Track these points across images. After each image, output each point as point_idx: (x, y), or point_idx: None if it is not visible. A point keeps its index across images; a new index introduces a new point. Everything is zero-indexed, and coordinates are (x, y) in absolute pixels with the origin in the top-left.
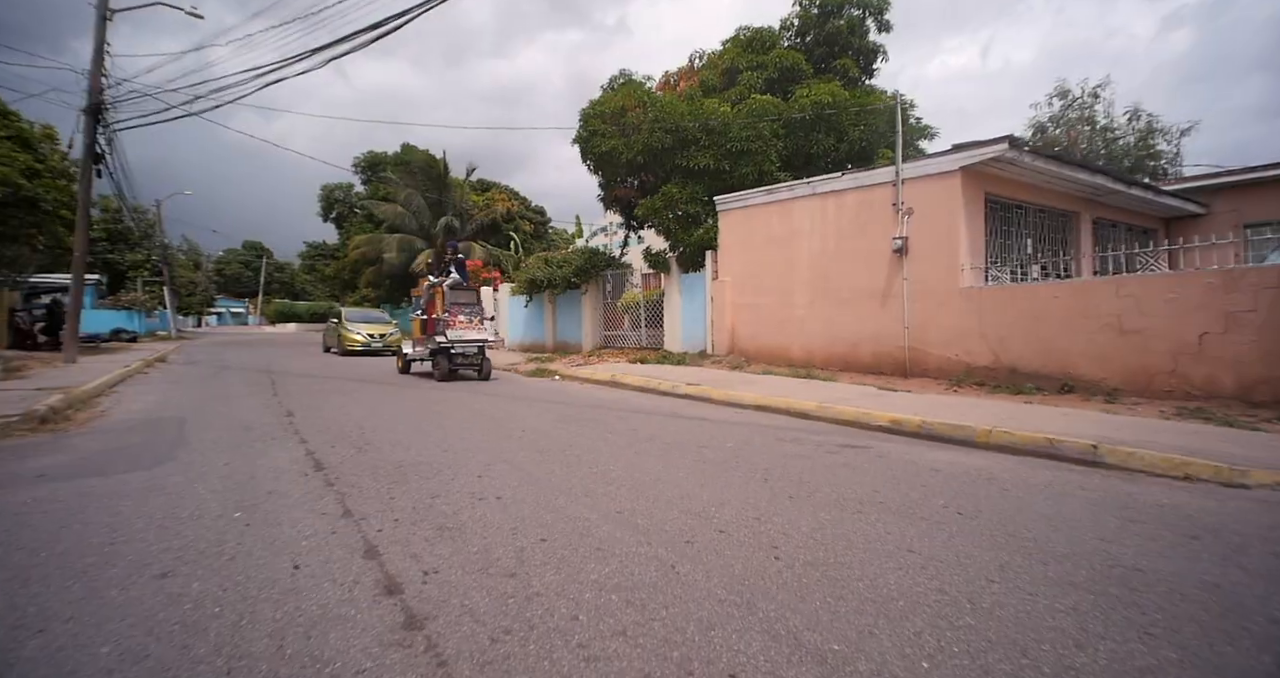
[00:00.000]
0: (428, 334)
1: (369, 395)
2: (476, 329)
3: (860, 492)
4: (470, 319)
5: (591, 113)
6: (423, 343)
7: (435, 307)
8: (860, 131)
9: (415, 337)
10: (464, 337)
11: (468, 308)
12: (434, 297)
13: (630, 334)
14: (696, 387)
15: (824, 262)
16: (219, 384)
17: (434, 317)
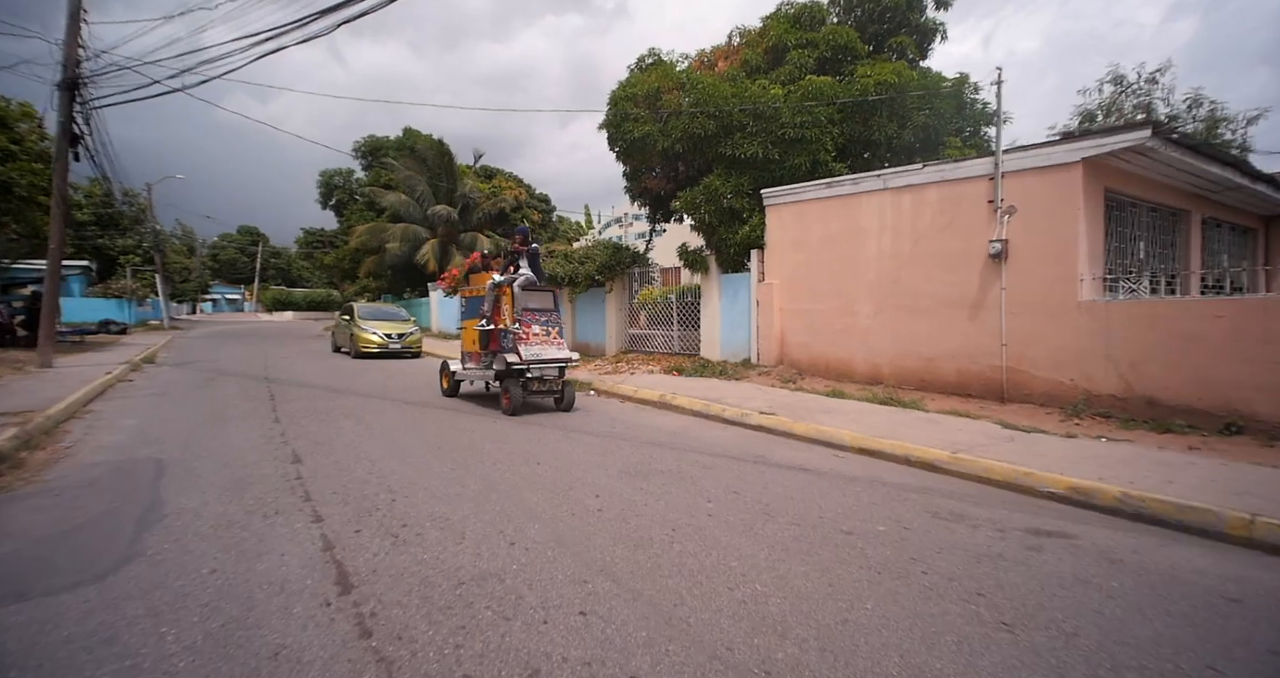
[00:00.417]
0: (488, 349)
1: (394, 425)
2: (555, 344)
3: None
4: (547, 330)
5: (622, 95)
6: (478, 359)
7: (501, 314)
8: (924, 117)
9: (467, 349)
10: (542, 355)
11: (543, 316)
12: (499, 300)
13: (657, 335)
14: (771, 416)
15: (895, 265)
16: (211, 399)
17: (499, 327)
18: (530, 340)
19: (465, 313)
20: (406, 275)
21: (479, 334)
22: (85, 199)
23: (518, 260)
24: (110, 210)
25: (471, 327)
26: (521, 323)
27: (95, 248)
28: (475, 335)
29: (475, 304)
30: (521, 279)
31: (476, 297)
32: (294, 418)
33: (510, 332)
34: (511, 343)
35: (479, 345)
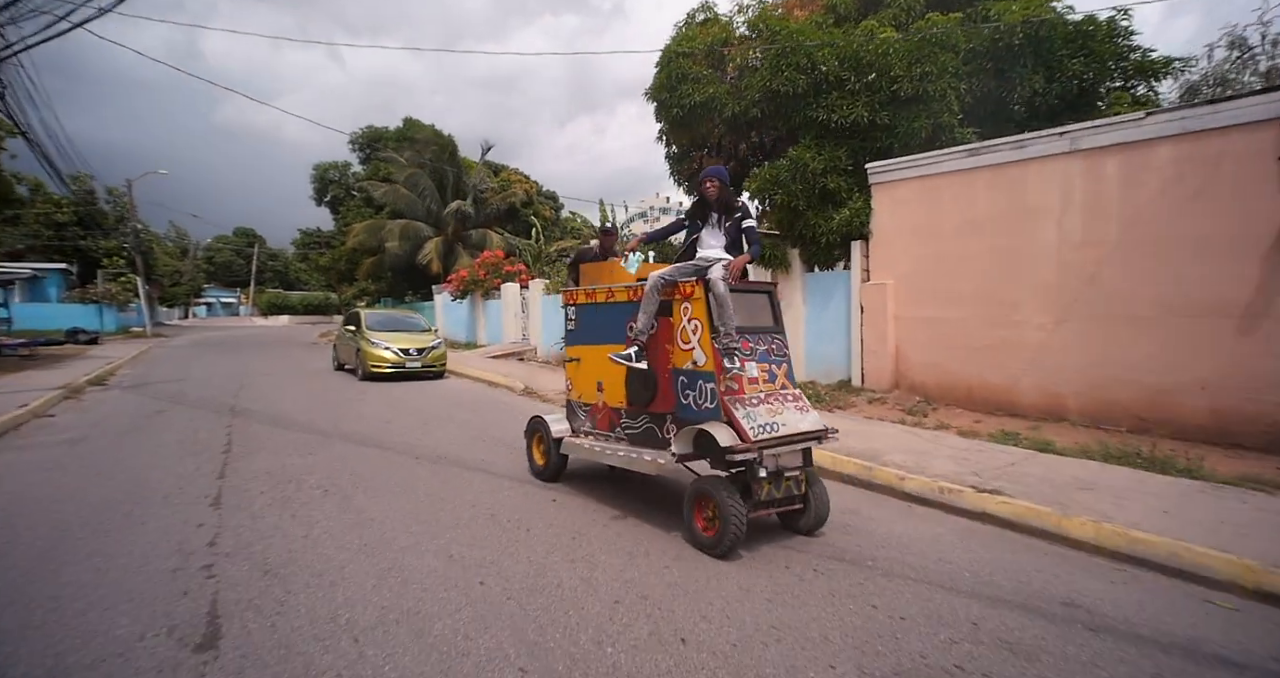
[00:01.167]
0: (642, 407)
1: (439, 539)
2: (791, 399)
3: None
4: (771, 370)
5: (677, 51)
6: (609, 420)
7: (674, 340)
8: (1079, 65)
9: (583, 399)
10: (778, 425)
11: (761, 342)
12: (667, 311)
13: None
14: (1003, 500)
15: (1089, 257)
16: (139, 452)
17: (677, 367)
18: (747, 394)
19: (576, 332)
20: (408, 277)
21: (627, 377)
22: (62, 197)
23: (692, 230)
24: (93, 207)
25: (598, 357)
26: (734, 359)
27: (76, 249)
28: (605, 377)
29: (603, 318)
30: (719, 269)
31: (609, 304)
32: (246, 499)
33: (708, 378)
34: (713, 401)
35: (622, 397)
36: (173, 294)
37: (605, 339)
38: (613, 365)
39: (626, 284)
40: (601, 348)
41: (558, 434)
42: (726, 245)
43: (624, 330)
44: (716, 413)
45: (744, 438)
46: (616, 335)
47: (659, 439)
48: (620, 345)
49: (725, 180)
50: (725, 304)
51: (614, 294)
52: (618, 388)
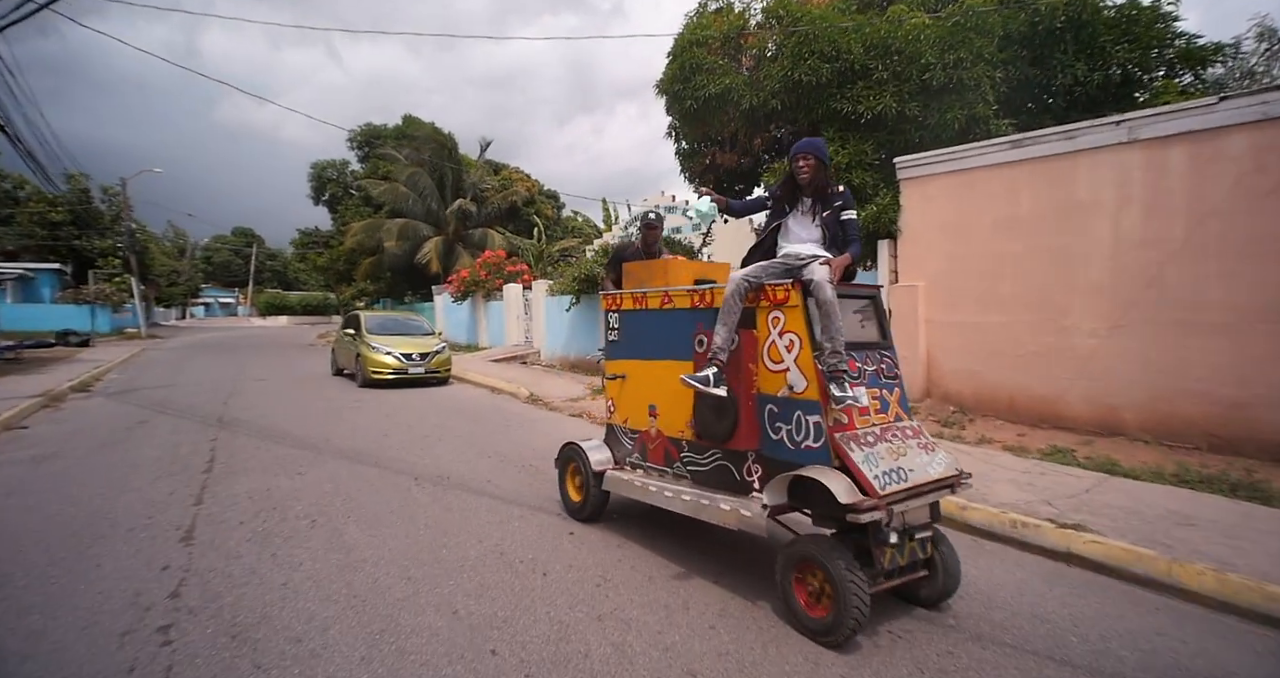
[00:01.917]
0: (715, 440)
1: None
2: (910, 434)
3: None
4: (882, 396)
5: (691, 40)
6: (665, 452)
7: (760, 356)
8: (1124, 52)
9: (629, 424)
10: (907, 472)
11: (870, 360)
12: (754, 315)
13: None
14: (1135, 551)
15: (1151, 257)
16: (112, 471)
17: (758, 392)
18: (859, 428)
19: (620, 344)
20: (407, 277)
21: (696, 403)
22: (56, 195)
23: (776, 215)
24: (88, 206)
25: (650, 375)
26: (841, 381)
27: (71, 249)
28: (660, 398)
29: (658, 328)
30: (821, 268)
31: (666, 311)
32: (222, 532)
33: (810, 409)
34: (817, 438)
35: (683, 426)
36: (170, 294)
37: (660, 353)
38: (668, 385)
39: (690, 287)
40: (654, 364)
41: (599, 466)
42: (820, 241)
43: (686, 343)
44: (823, 454)
45: (868, 490)
46: (675, 349)
47: (736, 482)
48: (681, 363)
49: (824, 156)
50: (833, 314)
51: (671, 299)
52: (678, 414)
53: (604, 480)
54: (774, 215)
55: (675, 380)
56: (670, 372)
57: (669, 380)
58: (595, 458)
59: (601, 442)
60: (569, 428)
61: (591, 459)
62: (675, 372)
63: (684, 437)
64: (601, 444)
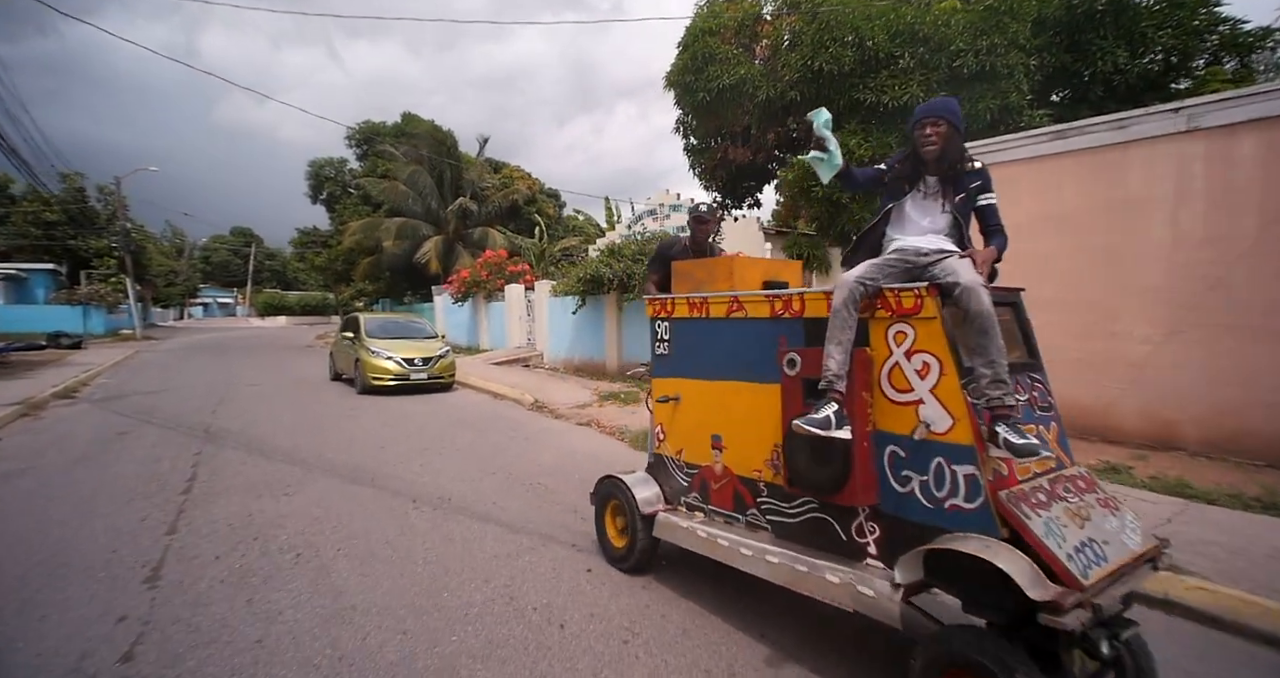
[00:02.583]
0: (829, 479)
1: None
2: (1090, 491)
3: None
4: (1041, 429)
5: (703, 28)
6: (733, 494)
7: (875, 383)
8: (1168, 37)
9: (683, 456)
10: (1103, 546)
11: (1020, 387)
12: (866, 328)
13: None
14: (1262, 604)
15: (1212, 257)
16: (81, 490)
17: (874, 430)
18: (1022, 483)
19: (672, 358)
20: (406, 277)
21: (788, 441)
22: (50, 194)
23: (891, 195)
24: (83, 205)
25: (711, 398)
26: (1010, 422)
27: (66, 249)
28: (727, 427)
29: (724, 341)
30: (966, 267)
31: (735, 321)
32: (194, 570)
33: (959, 457)
34: (973, 498)
35: (760, 464)
36: (167, 295)
37: (726, 372)
38: (738, 412)
39: (769, 292)
40: (718, 385)
41: (648, 507)
42: (945, 232)
43: (763, 361)
44: (983, 520)
45: (1061, 578)
46: (748, 367)
47: (840, 542)
48: (756, 385)
49: (957, 122)
50: (991, 329)
51: (742, 306)
52: (754, 448)
53: (656, 526)
54: (889, 196)
55: (747, 406)
56: (740, 395)
57: (738, 405)
58: (642, 496)
59: (646, 474)
60: (576, 439)
61: (638, 498)
62: (747, 396)
63: (761, 478)
64: (648, 478)
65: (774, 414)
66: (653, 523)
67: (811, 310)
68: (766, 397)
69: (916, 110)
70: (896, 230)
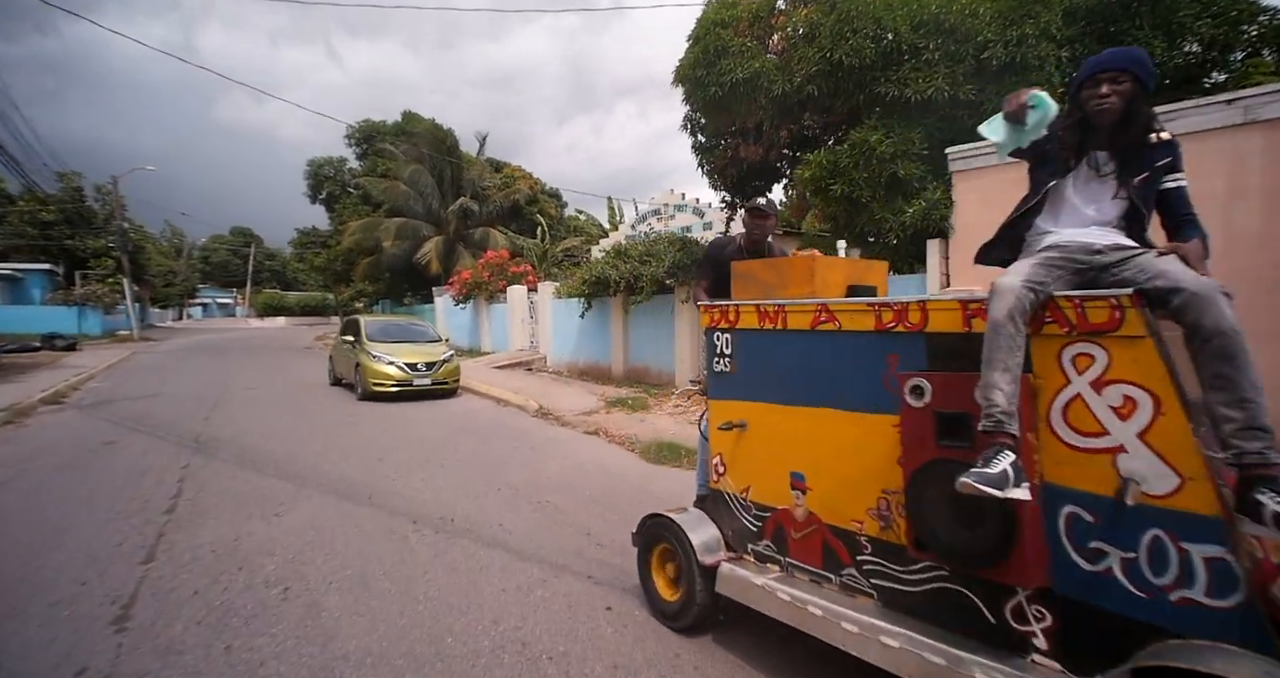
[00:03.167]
0: (986, 550)
1: None
2: None
3: None
4: None
5: (715, 20)
6: (811, 540)
7: (1041, 421)
8: (1207, 27)
9: (740, 484)
10: None
11: None
12: (1028, 349)
13: None
14: None
15: (1271, 258)
16: (51, 510)
17: (1043, 482)
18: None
19: (735, 377)
20: (407, 278)
21: (910, 492)
22: (46, 194)
23: (1050, 171)
24: (80, 204)
25: (788, 426)
26: (1272, 486)
27: (63, 249)
28: (810, 463)
29: (806, 358)
30: (1173, 265)
31: (823, 334)
32: (168, 608)
33: (1193, 531)
34: (1229, 594)
35: (870, 518)
36: (166, 295)
37: (812, 396)
38: (828, 446)
39: (875, 300)
40: (801, 412)
41: (708, 557)
42: (1116, 224)
43: (866, 385)
44: (1246, 626)
45: None
46: (844, 392)
47: (986, 626)
48: (855, 414)
49: (1146, 79)
50: (1238, 353)
51: (833, 315)
52: (852, 494)
53: (719, 580)
54: (1044, 175)
55: (841, 440)
56: (831, 426)
57: (828, 438)
58: (700, 541)
59: (699, 512)
60: (584, 449)
61: (696, 543)
62: (840, 427)
63: (863, 531)
64: (704, 518)
65: (880, 452)
66: (715, 576)
67: (938, 323)
68: (868, 430)
69: (1088, 62)
70: (1049, 221)
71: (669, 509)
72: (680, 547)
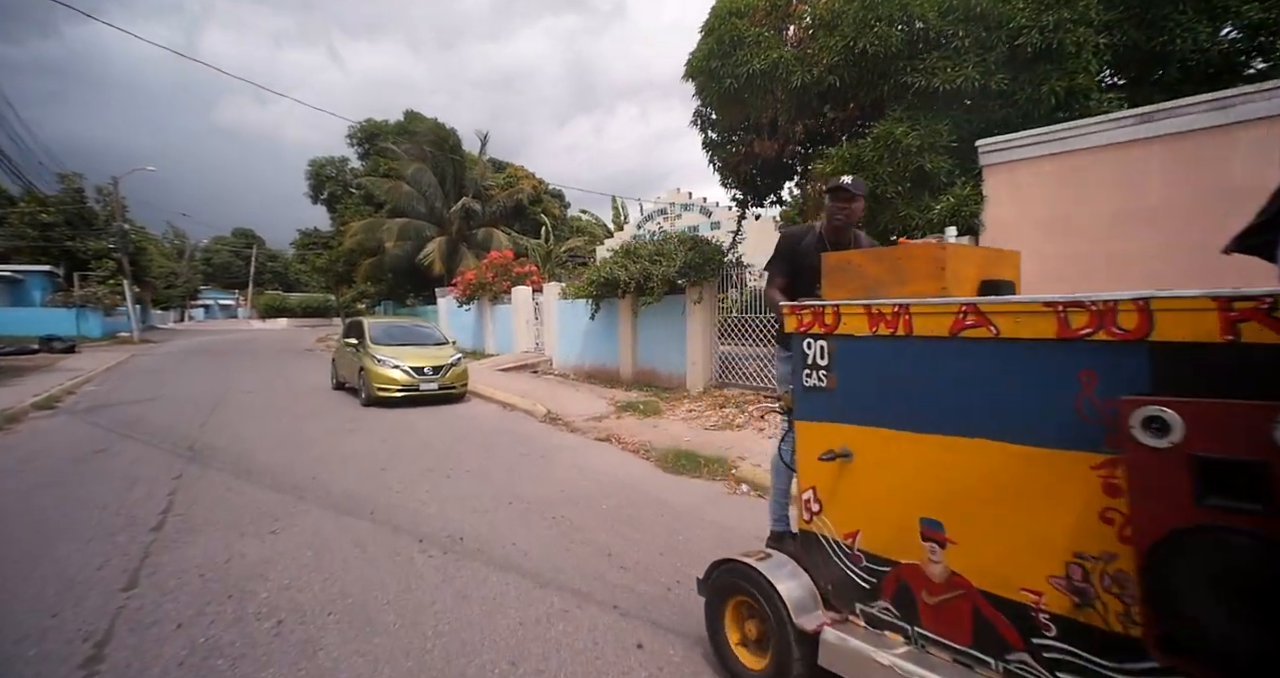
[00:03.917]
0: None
1: None
2: None
3: None
4: None
5: (730, 9)
6: (959, 609)
7: None
8: (1255, 11)
9: (842, 527)
10: None
11: None
12: None
13: (755, 359)
14: None
15: None
16: (23, 540)
17: None
18: None
19: (835, 396)
20: (409, 279)
21: (1149, 563)
22: (46, 195)
23: None
24: (81, 205)
25: (914, 459)
26: None
27: (64, 251)
28: (948, 509)
29: (948, 371)
30: None
31: (974, 343)
32: (146, 649)
33: None
34: None
35: (1052, 590)
36: (167, 296)
37: (950, 423)
38: (978, 489)
39: (1055, 297)
40: (933, 442)
41: (808, 621)
42: None
43: (1037, 411)
44: None
45: None
46: (1003, 420)
47: None
48: (1022, 449)
49: None
50: None
51: (986, 319)
52: (1024, 555)
53: (823, 650)
54: None
55: (1001, 480)
56: (986, 461)
57: (981, 477)
58: (794, 597)
59: (786, 557)
60: (596, 457)
61: (789, 600)
62: (1002, 463)
63: (1042, 605)
64: (794, 567)
65: (1071, 502)
66: (819, 643)
67: (1174, 330)
68: (1049, 470)
69: None
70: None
71: (747, 554)
72: (766, 603)
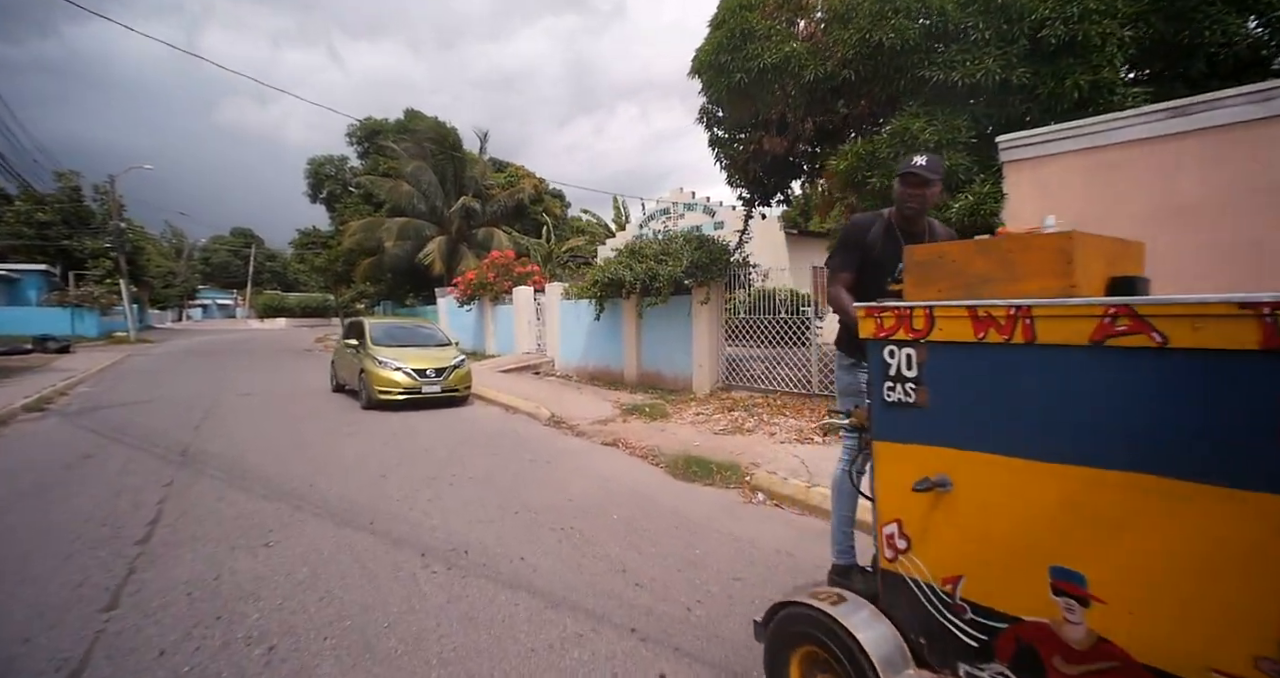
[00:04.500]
0: None
1: None
2: None
3: None
4: None
5: (740, 2)
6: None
7: None
8: None
9: (939, 570)
10: None
11: None
12: None
13: (762, 360)
14: None
15: None
16: (1, 556)
17: None
18: None
19: (929, 414)
20: (409, 278)
21: None
22: (44, 194)
23: None
24: (78, 204)
25: (1034, 495)
26: None
27: (61, 250)
28: (1092, 561)
29: (1085, 387)
30: None
31: (1122, 353)
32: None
33: None
34: None
35: None
36: (165, 296)
37: (1091, 452)
38: (1122, 533)
39: (1250, 297)
40: (1064, 473)
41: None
42: None
43: (1228, 442)
44: None
45: None
46: (1171, 453)
47: None
48: (1205, 489)
49: None
50: None
51: (1142, 324)
52: (1206, 626)
53: None
54: None
55: (1172, 528)
56: (1146, 504)
57: (1141, 523)
58: (882, 653)
59: (862, 600)
60: (603, 463)
61: (875, 655)
62: (1172, 506)
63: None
64: (872, 611)
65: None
66: None
67: None
68: (1247, 518)
69: None
70: None
71: (815, 594)
72: (845, 656)
